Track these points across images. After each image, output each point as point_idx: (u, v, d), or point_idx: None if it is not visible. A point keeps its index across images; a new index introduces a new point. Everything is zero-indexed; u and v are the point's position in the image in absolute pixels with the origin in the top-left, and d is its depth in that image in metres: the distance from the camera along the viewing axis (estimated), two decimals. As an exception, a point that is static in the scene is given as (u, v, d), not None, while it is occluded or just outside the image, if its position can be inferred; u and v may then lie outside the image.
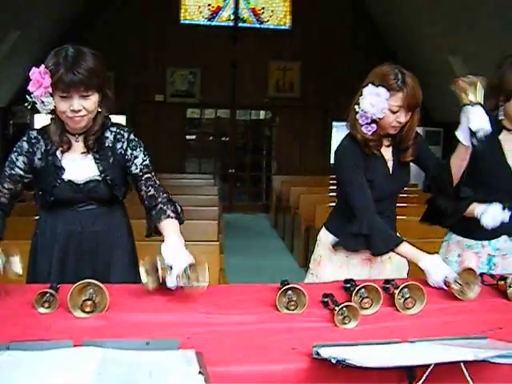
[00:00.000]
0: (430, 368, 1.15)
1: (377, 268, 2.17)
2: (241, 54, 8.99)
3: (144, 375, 1.14)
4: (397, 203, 2.24)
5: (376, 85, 1.97)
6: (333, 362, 1.14)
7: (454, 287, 1.73)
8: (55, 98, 1.78)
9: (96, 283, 1.55)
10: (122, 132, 1.98)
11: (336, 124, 8.96)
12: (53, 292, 1.56)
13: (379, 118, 1.99)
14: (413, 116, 2.03)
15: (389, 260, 2.19)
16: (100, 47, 1.95)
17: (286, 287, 1.63)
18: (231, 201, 9.63)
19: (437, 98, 6.07)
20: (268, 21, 9.44)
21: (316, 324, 1.52)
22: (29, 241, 2.05)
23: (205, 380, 1.11)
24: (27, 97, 1.79)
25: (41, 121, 1.98)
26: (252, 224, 8.75)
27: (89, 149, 1.93)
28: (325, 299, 1.64)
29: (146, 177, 1.96)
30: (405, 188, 2.25)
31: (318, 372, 1.23)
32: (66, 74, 1.74)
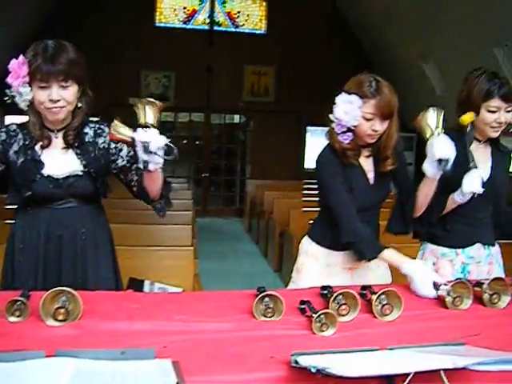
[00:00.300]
0: (410, 376, 1.15)
1: (358, 277, 2.15)
2: (216, 58, 8.98)
3: (119, 386, 1.11)
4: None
5: (349, 93, 1.97)
6: (312, 372, 1.13)
7: (446, 299, 1.73)
8: (34, 89, 1.77)
9: (69, 290, 1.50)
10: (103, 127, 1.96)
11: (310, 129, 9.01)
12: (24, 300, 1.50)
13: (354, 126, 1.98)
14: (391, 124, 2.02)
15: (371, 270, 2.18)
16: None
17: (263, 294, 1.61)
18: (205, 205, 9.60)
19: (410, 104, 6.14)
20: (243, 25, 9.48)
21: (294, 331, 1.51)
22: (3, 245, 1.99)
23: (182, 390, 1.08)
24: (6, 91, 1.77)
25: (13, 121, 1.93)
26: (226, 228, 8.73)
27: (69, 144, 1.90)
28: (302, 306, 1.63)
29: (136, 166, 1.91)
30: (386, 200, 2.22)
31: (298, 381, 1.21)
32: (45, 64, 1.73)
